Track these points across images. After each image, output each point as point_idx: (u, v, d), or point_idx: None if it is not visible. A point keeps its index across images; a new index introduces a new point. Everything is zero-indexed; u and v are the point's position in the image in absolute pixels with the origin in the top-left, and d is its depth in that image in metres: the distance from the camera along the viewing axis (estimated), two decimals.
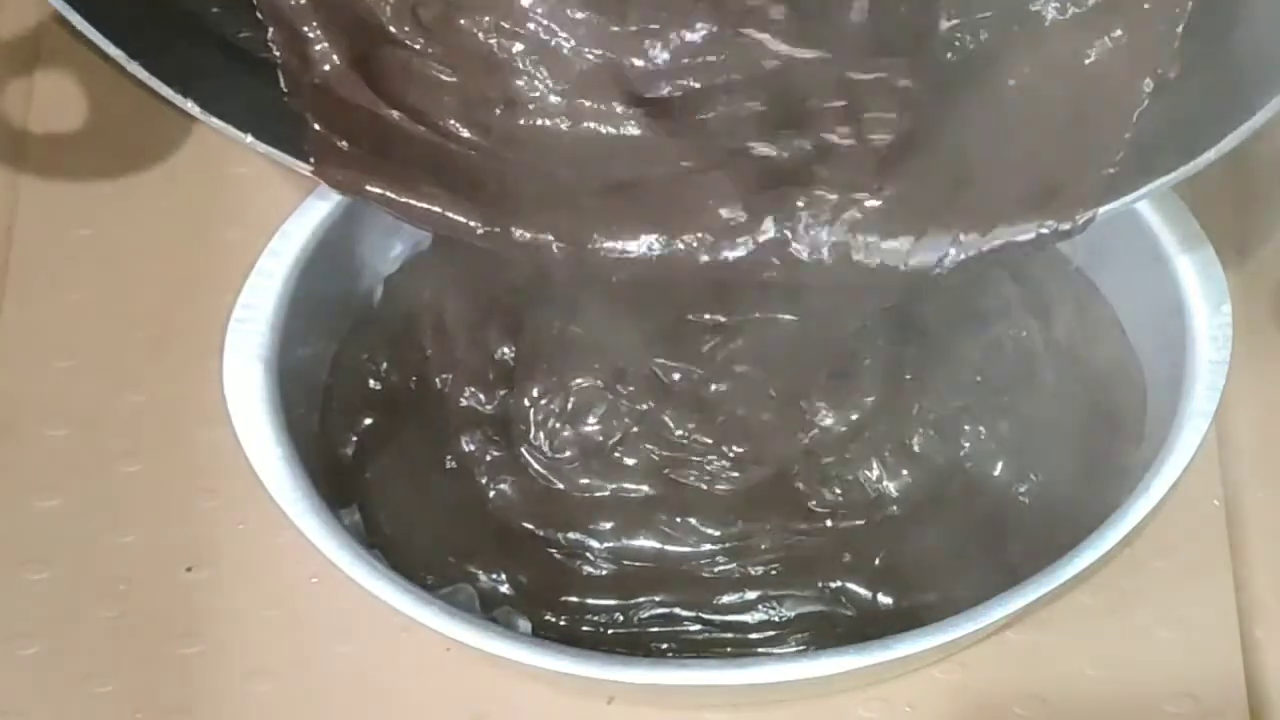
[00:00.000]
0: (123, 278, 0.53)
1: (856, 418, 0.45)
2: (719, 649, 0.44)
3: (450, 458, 0.47)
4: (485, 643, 0.41)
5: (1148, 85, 0.39)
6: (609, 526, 0.46)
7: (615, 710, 0.46)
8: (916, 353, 0.46)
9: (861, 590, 0.44)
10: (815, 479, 0.46)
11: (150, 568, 0.48)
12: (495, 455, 0.47)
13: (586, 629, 0.44)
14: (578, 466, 0.46)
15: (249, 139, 0.41)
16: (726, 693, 0.44)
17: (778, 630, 0.44)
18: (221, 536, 0.48)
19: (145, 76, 0.40)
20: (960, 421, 0.46)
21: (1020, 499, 0.46)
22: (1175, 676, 0.45)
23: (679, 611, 0.45)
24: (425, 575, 0.44)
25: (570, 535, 0.46)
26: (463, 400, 0.47)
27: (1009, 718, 0.45)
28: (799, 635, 0.44)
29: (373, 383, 0.48)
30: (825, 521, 0.45)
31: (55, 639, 0.47)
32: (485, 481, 0.46)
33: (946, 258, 0.40)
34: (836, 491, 0.45)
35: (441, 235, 0.42)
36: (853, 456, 0.46)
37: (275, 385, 0.44)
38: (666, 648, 0.44)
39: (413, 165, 0.42)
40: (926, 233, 0.40)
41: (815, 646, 0.44)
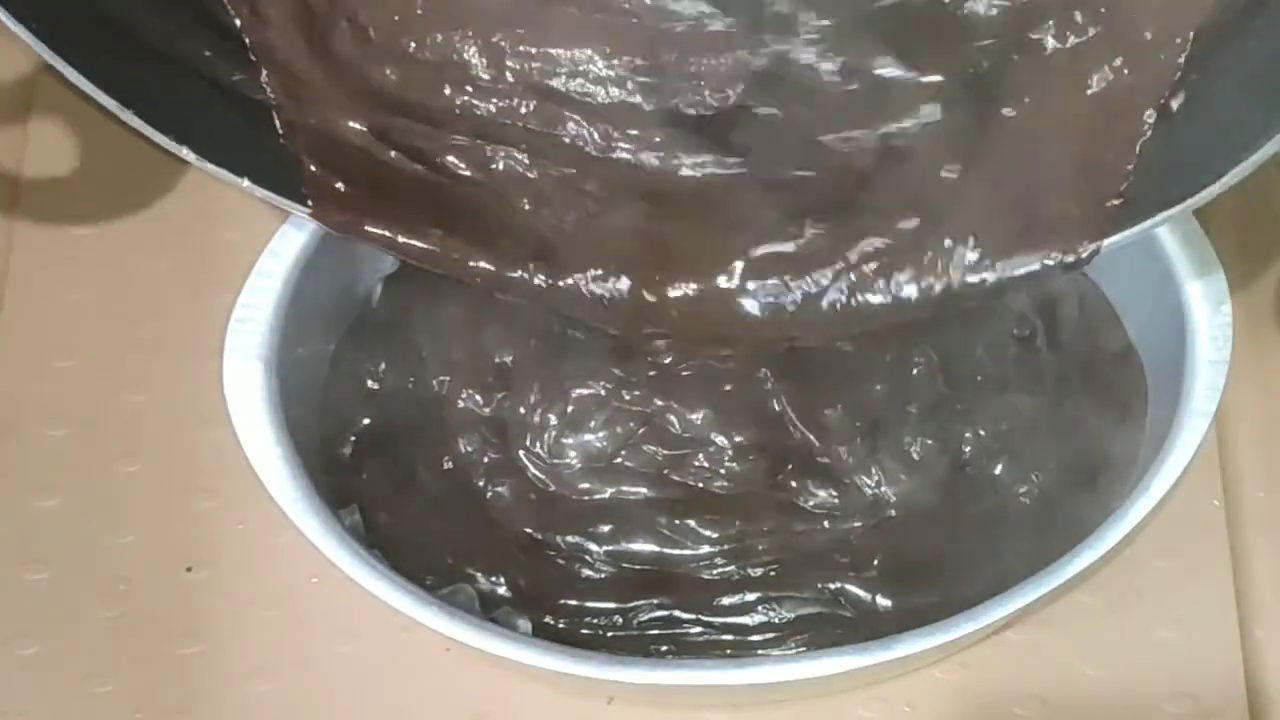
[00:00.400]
0: (123, 278, 0.53)
1: (858, 423, 0.45)
2: (719, 651, 0.44)
3: (448, 459, 0.47)
4: (485, 643, 0.41)
5: (1150, 116, 0.39)
6: (607, 530, 0.46)
7: (615, 710, 0.46)
8: (921, 351, 0.46)
9: (861, 592, 0.44)
10: (814, 481, 0.46)
11: (150, 568, 0.48)
12: (493, 458, 0.47)
13: (586, 632, 0.44)
14: (576, 471, 0.46)
15: (245, 183, 0.41)
16: (726, 693, 0.44)
17: (777, 632, 0.44)
18: (221, 536, 0.48)
19: (139, 124, 0.39)
20: (961, 426, 0.46)
21: (1021, 499, 0.46)
22: (1175, 676, 0.45)
23: (678, 614, 0.45)
24: (424, 577, 0.44)
25: (569, 538, 0.46)
26: (460, 402, 0.47)
27: (1009, 718, 0.45)
28: (798, 637, 0.44)
29: (370, 383, 0.48)
30: (823, 523, 0.45)
31: (55, 639, 0.47)
32: (483, 484, 0.46)
33: (944, 291, 0.40)
34: (833, 494, 0.45)
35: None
36: (854, 460, 0.45)
37: (275, 385, 0.44)
38: (666, 650, 0.44)
39: (413, 205, 0.41)
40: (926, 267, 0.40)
41: (815, 648, 0.44)
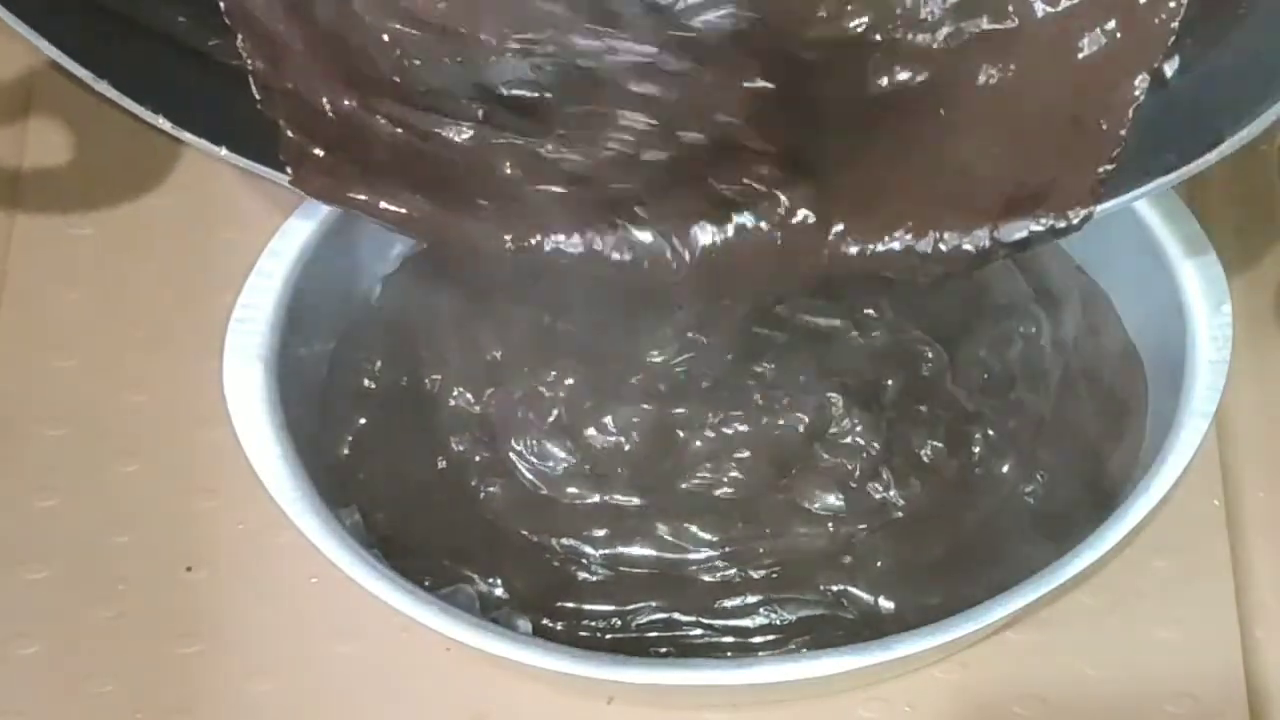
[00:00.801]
0: (123, 277, 0.53)
1: (869, 427, 0.45)
2: (719, 653, 0.44)
3: (441, 459, 0.47)
4: (485, 643, 0.41)
5: (1143, 81, 0.39)
6: (602, 534, 0.45)
7: (615, 710, 0.45)
8: (928, 350, 0.46)
9: (863, 594, 0.44)
10: (821, 487, 0.45)
11: (150, 568, 0.48)
12: (484, 457, 0.46)
13: (584, 634, 0.44)
14: (563, 475, 0.46)
15: (223, 152, 0.40)
16: (726, 693, 0.44)
17: (779, 634, 0.44)
18: (221, 536, 0.48)
19: (115, 95, 0.39)
20: (970, 426, 0.46)
21: (1026, 499, 0.45)
22: (1175, 676, 0.45)
23: (678, 616, 0.44)
24: (423, 577, 0.44)
25: (564, 541, 0.45)
26: (452, 400, 0.47)
27: (1009, 718, 0.45)
28: (800, 639, 0.44)
29: (367, 382, 0.48)
30: (828, 525, 0.45)
31: (55, 639, 0.47)
32: (475, 483, 0.46)
33: (937, 254, 0.40)
34: (840, 498, 0.45)
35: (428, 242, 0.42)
36: (864, 469, 0.45)
37: (275, 385, 0.44)
38: (666, 652, 0.44)
39: (393, 170, 0.41)
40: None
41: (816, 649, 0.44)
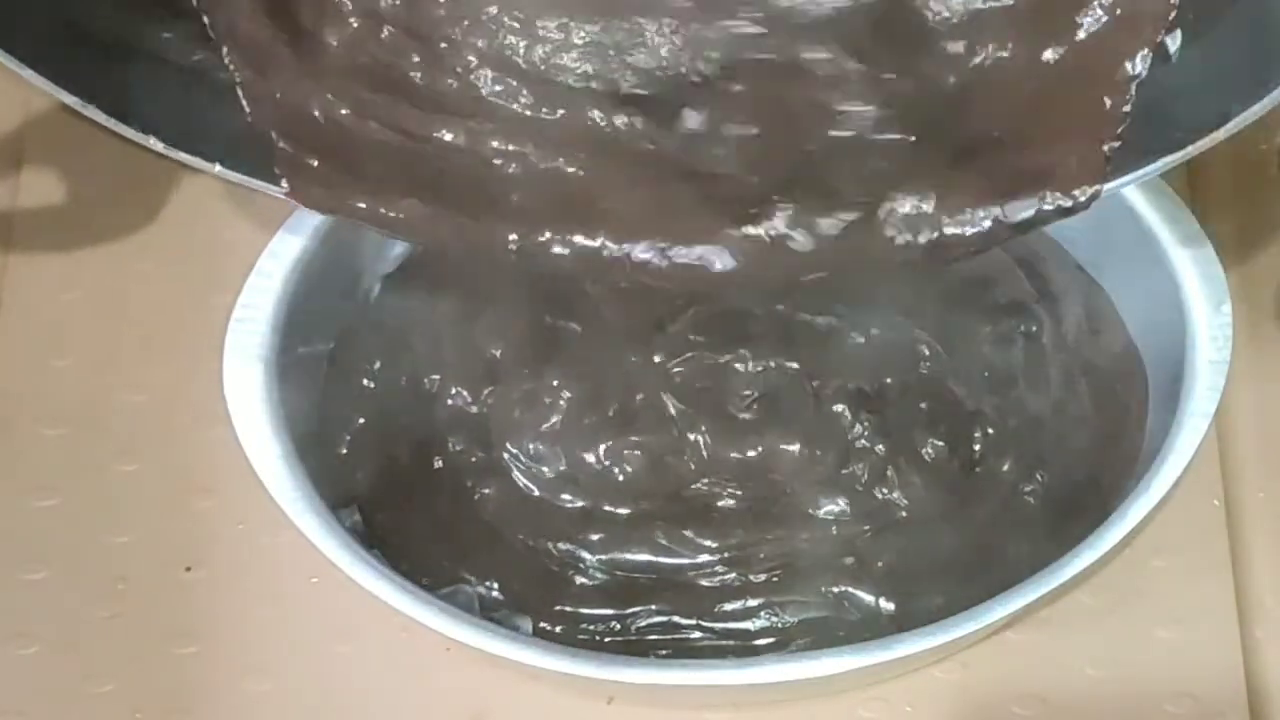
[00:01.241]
0: (122, 277, 0.53)
1: (876, 430, 0.45)
2: (720, 655, 0.44)
3: (438, 459, 0.47)
4: (485, 643, 0.41)
5: (1145, 56, 0.38)
6: (599, 539, 0.45)
7: (615, 710, 0.45)
8: (928, 349, 0.46)
9: (864, 595, 0.44)
10: (825, 494, 0.45)
11: (149, 568, 0.48)
12: (479, 457, 0.46)
13: (583, 637, 0.44)
14: (557, 479, 0.46)
15: (217, 169, 0.40)
16: (727, 693, 0.44)
17: (779, 636, 0.44)
18: (220, 536, 0.48)
19: (102, 119, 0.39)
20: (972, 425, 0.46)
21: (1027, 498, 0.45)
22: (1175, 676, 0.45)
23: (678, 619, 0.44)
24: (422, 578, 0.44)
25: (561, 545, 0.45)
26: (449, 400, 0.47)
27: (1009, 718, 0.45)
28: (801, 641, 0.44)
29: (365, 382, 0.48)
30: (831, 529, 0.45)
31: (54, 639, 0.47)
32: (471, 485, 0.46)
33: (941, 235, 0.39)
34: (844, 502, 0.45)
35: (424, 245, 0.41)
36: (870, 469, 0.45)
37: (275, 385, 0.44)
38: (666, 654, 0.44)
39: (388, 176, 0.40)
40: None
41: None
